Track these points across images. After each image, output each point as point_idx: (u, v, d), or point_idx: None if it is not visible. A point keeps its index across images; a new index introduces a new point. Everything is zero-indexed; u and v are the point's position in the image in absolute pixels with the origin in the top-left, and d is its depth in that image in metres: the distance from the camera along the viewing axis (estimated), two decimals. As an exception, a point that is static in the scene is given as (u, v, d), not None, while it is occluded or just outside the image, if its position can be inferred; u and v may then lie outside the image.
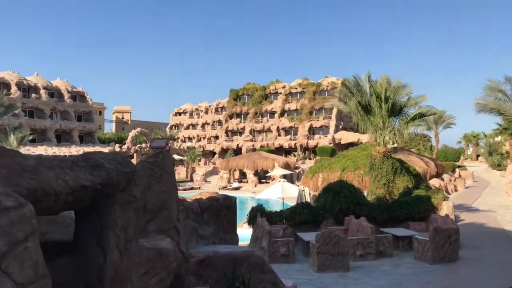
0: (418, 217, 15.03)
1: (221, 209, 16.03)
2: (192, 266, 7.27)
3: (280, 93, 75.07)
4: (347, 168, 22.69)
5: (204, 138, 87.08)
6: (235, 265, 7.50)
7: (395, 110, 17.65)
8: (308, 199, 19.14)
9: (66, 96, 65.93)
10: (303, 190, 19.59)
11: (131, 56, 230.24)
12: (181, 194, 30.33)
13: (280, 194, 21.66)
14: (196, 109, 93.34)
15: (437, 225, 12.42)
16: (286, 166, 47.32)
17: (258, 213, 14.33)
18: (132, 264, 5.02)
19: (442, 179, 32.21)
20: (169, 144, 6.56)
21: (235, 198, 17.02)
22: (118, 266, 4.76)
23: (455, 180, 35.83)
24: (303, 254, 12.84)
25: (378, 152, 17.71)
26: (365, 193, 18.20)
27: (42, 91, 62.30)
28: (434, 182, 27.49)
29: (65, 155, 4.73)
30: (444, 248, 11.53)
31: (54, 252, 4.88)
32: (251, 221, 14.66)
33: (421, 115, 17.68)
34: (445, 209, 16.25)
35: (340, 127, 67.82)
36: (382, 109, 17.46)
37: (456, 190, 33.43)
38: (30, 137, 51.77)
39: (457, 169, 44.53)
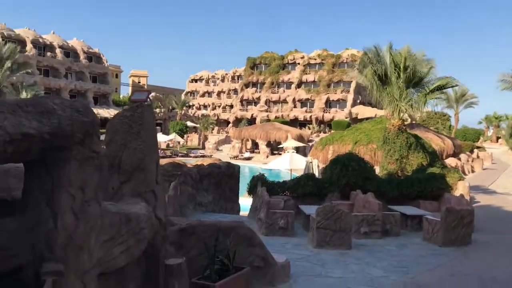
0: (431, 195, 14.09)
1: (223, 177, 15.38)
2: (173, 235, 6.53)
3: (298, 63, 73.41)
4: (360, 141, 21.73)
5: (219, 106, 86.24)
6: (221, 236, 6.76)
7: (414, 81, 16.47)
8: (316, 172, 18.32)
9: (82, 56, 65.31)
10: (311, 162, 18.76)
11: (150, 21, 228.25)
12: (190, 161, 29.82)
13: (288, 165, 20.92)
14: (213, 76, 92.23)
15: (450, 205, 11.51)
16: (300, 138, 46.43)
17: (259, 183, 13.58)
18: (91, 230, 4.26)
19: (459, 159, 31.03)
20: (151, 98, 5.67)
21: (238, 166, 16.34)
22: (72, 231, 4.01)
23: (472, 161, 34.61)
24: (304, 228, 12.10)
25: (393, 125, 16.67)
26: (377, 169, 17.31)
27: (57, 50, 61.73)
28: (451, 162, 26.37)
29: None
30: (456, 230, 10.64)
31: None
32: (251, 190, 13.94)
33: (441, 87, 16.49)
34: (460, 189, 15.28)
35: (358, 101, 66.27)
36: (400, 79, 16.33)
37: (473, 171, 32.29)
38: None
39: (475, 150, 43.11)
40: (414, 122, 29.26)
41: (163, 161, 14.75)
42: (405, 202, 13.98)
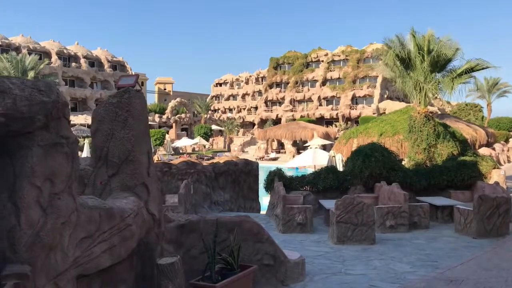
0: (462, 185, 13.10)
1: (240, 174, 14.77)
2: (170, 232, 5.96)
3: (322, 61, 72.23)
4: (385, 133, 20.79)
5: (244, 109, 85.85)
6: (225, 232, 6.16)
7: (440, 63, 15.45)
8: (339, 166, 17.51)
9: (106, 65, 66.06)
10: (334, 156, 17.97)
11: (173, 28, 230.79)
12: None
13: (311, 161, 20.20)
14: (237, 79, 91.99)
15: (483, 193, 10.58)
16: (326, 136, 45.53)
17: (275, 178, 12.90)
18: (63, 226, 3.73)
19: (493, 149, 29.54)
20: (139, 83, 5.06)
21: (257, 163, 15.72)
22: (40, 228, 3.48)
23: (508, 151, 32.97)
24: (325, 224, 11.36)
25: (419, 113, 15.70)
26: (405, 161, 16.38)
27: (82, 60, 62.60)
28: (484, 152, 24.99)
29: None
30: (492, 220, 9.72)
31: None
32: (268, 186, 13.28)
33: (469, 70, 15.40)
34: (494, 177, 14.23)
35: (385, 96, 64.61)
36: (425, 62, 15.34)
37: (508, 161, 30.80)
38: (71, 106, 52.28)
39: (511, 139, 41.19)
40: (443, 113, 28.00)
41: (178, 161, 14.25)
42: (435, 193, 13.05)
